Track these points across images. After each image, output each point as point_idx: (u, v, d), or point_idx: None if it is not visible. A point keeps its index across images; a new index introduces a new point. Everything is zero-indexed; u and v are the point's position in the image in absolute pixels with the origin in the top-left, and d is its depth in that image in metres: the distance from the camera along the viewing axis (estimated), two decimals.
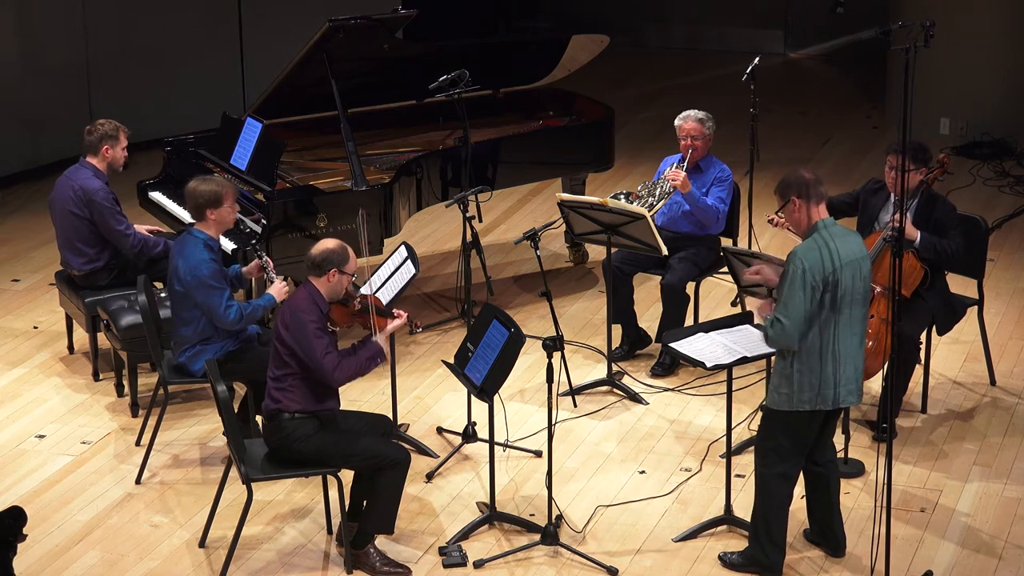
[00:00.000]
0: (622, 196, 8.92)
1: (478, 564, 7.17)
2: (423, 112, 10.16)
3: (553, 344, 7.14)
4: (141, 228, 8.98)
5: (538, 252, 8.12)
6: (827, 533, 7.19)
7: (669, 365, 9.00)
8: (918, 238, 8.02)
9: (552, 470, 7.30)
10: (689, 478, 7.90)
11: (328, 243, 7.13)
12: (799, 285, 6.65)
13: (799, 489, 7.16)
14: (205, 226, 7.86)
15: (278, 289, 7.93)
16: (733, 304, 9.80)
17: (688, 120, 9.02)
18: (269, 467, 7.13)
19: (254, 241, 8.20)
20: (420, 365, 9.13)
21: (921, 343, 8.31)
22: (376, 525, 7.08)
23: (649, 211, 8.73)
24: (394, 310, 7.40)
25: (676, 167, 8.96)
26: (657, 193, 8.96)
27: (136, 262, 8.83)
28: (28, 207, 11.88)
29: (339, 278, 7.08)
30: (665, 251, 8.56)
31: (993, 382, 8.84)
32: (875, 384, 8.58)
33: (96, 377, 9.00)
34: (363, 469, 7.17)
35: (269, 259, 8.13)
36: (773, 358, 6.97)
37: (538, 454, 8.10)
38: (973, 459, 8.04)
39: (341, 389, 7.20)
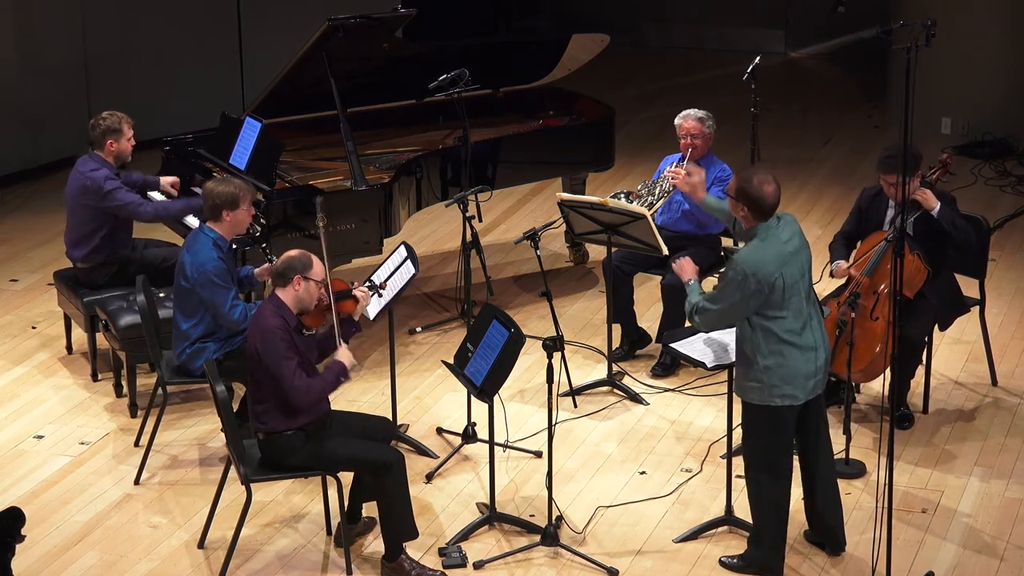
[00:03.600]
0: (622, 196, 8.90)
1: (478, 565, 7.15)
2: (423, 112, 10.14)
3: (553, 344, 7.12)
4: (166, 180, 9.11)
5: (538, 252, 8.11)
6: (827, 534, 7.17)
7: (670, 365, 8.99)
8: (937, 208, 8.03)
9: (552, 471, 7.28)
10: (690, 479, 7.88)
11: (290, 252, 7.12)
12: (736, 287, 6.66)
13: (797, 489, 7.14)
14: (218, 226, 7.84)
15: None
16: None
17: (688, 119, 9.00)
18: (268, 468, 7.11)
19: (264, 245, 8.17)
20: (420, 365, 9.11)
21: (924, 343, 8.30)
22: (399, 533, 7.04)
23: (649, 209, 8.71)
24: (354, 291, 7.34)
25: (676, 166, 8.93)
26: (657, 192, 8.94)
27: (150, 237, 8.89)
28: (27, 207, 11.86)
29: (305, 284, 7.04)
30: (666, 251, 8.54)
31: (995, 382, 8.82)
32: (875, 385, 8.56)
33: (95, 377, 8.98)
34: (356, 473, 7.16)
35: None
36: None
37: (538, 455, 8.08)
38: (975, 460, 8.02)
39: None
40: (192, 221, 9.11)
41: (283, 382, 6.88)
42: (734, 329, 7.35)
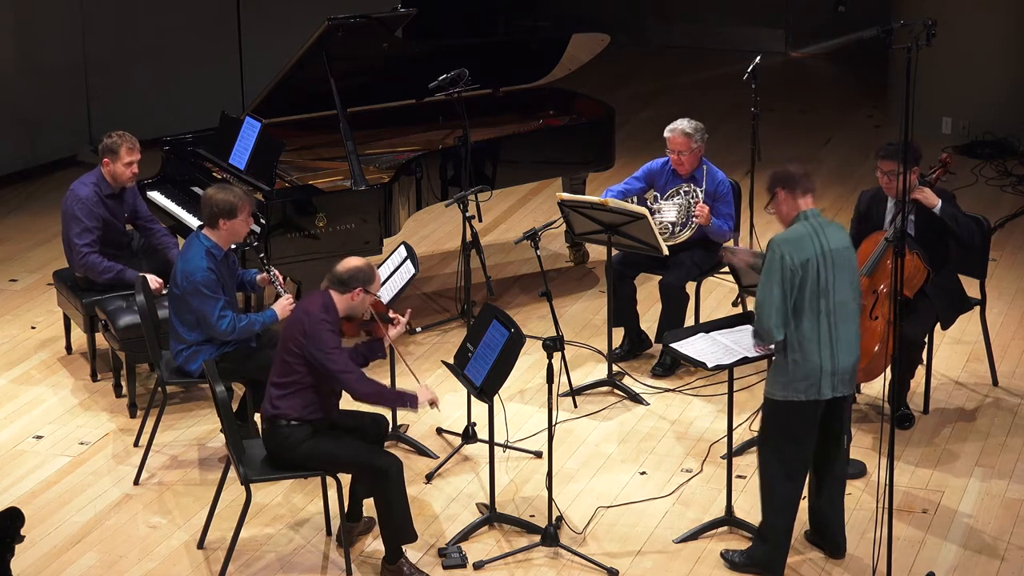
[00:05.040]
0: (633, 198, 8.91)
1: (478, 565, 7.14)
2: (423, 111, 10.13)
3: (553, 344, 7.11)
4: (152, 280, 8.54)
5: (538, 252, 8.10)
6: (826, 535, 7.16)
7: (670, 365, 8.97)
8: (939, 205, 8.01)
9: (552, 471, 7.27)
10: (690, 479, 7.87)
11: (355, 261, 7.10)
12: (775, 270, 6.68)
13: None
14: (215, 234, 7.79)
15: (283, 307, 7.84)
16: (734, 304, 9.77)
17: (675, 133, 8.94)
18: (268, 468, 7.10)
19: (262, 255, 8.15)
20: (420, 365, 9.09)
21: (923, 343, 8.29)
22: (398, 537, 7.03)
23: (670, 241, 8.73)
24: (391, 314, 7.36)
25: (692, 190, 8.88)
26: (679, 222, 8.88)
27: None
28: (25, 207, 11.85)
29: (363, 297, 7.06)
30: (666, 251, 8.54)
31: (995, 383, 8.81)
32: (875, 385, 8.55)
33: (94, 378, 8.96)
34: (353, 476, 7.16)
35: (278, 273, 8.07)
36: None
37: (538, 455, 8.07)
38: (975, 460, 8.01)
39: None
40: (192, 222, 9.09)
41: (336, 372, 6.88)
42: (735, 329, 7.36)
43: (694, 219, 8.86)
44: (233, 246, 8.17)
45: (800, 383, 6.75)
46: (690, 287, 9.00)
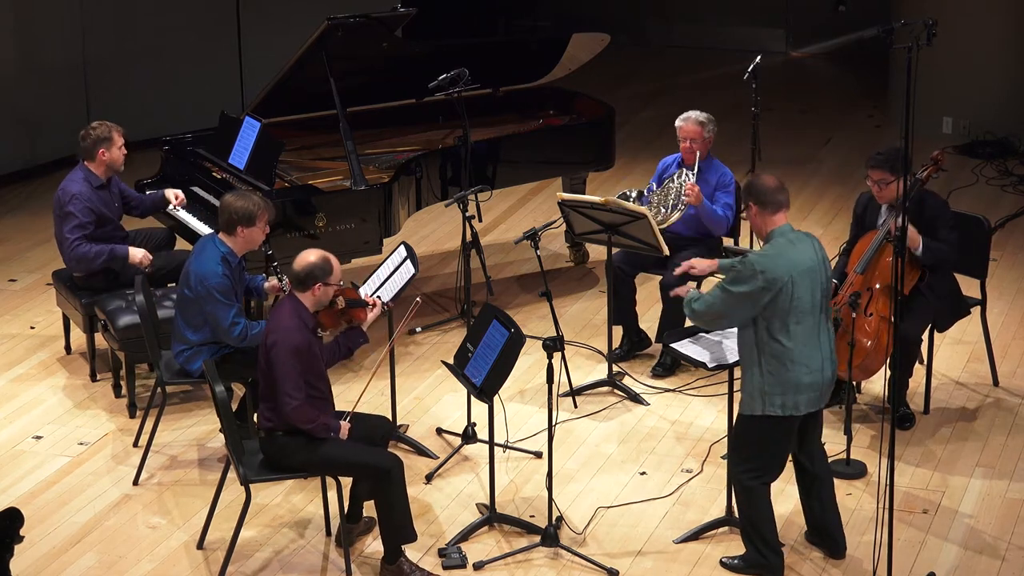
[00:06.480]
0: (632, 194, 8.87)
1: (478, 566, 7.13)
2: (423, 111, 10.13)
3: (553, 344, 7.10)
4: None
5: (538, 252, 8.09)
6: (824, 535, 7.16)
7: (670, 365, 8.97)
8: (920, 247, 7.97)
9: (552, 471, 7.26)
10: (690, 479, 7.86)
11: (310, 256, 7.07)
12: (744, 280, 6.68)
13: (794, 489, 7.14)
14: (231, 240, 7.77)
15: None
16: None
17: (688, 122, 8.95)
18: (268, 468, 7.09)
19: (275, 264, 8.14)
20: (420, 365, 9.10)
21: (923, 341, 8.28)
22: (398, 537, 7.02)
23: (662, 223, 8.71)
24: (365, 298, 7.35)
25: (684, 174, 8.88)
26: (670, 205, 8.88)
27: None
28: (25, 207, 11.85)
29: (324, 290, 7.05)
30: (666, 251, 8.53)
31: (996, 383, 8.80)
32: (876, 385, 8.54)
33: (93, 378, 8.96)
34: (354, 478, 7.16)
35: (290, 281, 8.06)
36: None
37: (538, 455, 8.07)
38: (976, 460, 8.00)
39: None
40: (202, 228, 9.03)
41: (283, 393, 6.87)
42: (735, 329, 7.35)
43: (684, 198, 8.83)
44: None
45: (777, 398, 6.74)
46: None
